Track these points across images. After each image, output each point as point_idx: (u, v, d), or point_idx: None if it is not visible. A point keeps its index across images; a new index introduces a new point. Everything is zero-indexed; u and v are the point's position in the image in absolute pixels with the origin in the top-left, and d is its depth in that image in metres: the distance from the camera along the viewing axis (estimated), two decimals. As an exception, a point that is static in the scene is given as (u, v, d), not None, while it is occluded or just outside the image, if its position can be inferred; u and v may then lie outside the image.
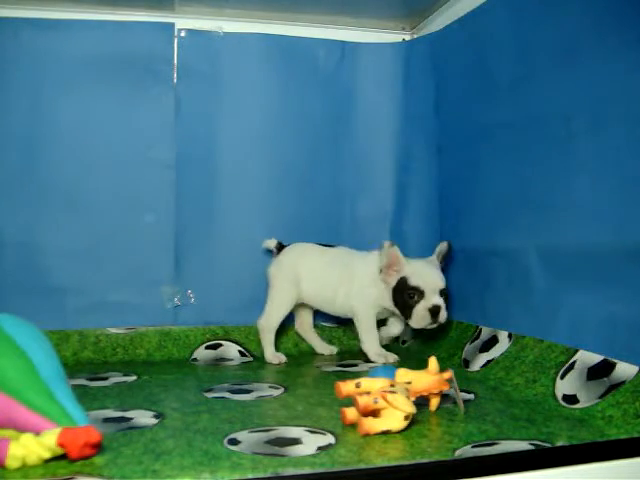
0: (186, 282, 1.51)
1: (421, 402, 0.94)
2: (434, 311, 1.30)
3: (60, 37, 1.44)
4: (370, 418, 0.85)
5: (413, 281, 1.31)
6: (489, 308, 1.32)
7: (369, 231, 1.63)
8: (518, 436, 0.84)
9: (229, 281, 1.53)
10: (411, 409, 0.85)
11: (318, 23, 1.62)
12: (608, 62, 0.99)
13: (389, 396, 0.85)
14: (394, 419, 0.84)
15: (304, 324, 1.53)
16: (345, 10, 1.59)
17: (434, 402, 0.95)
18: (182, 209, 1.51)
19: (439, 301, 1.30)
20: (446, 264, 1.42)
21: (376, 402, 0.85)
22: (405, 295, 1.31)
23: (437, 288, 1.31)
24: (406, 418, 0.85)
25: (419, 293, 1.30)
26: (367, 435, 0.84)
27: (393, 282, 1.34)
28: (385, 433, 0.84)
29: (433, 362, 0.95)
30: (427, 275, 1.32)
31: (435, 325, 1.32)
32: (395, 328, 1.48)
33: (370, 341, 1.40)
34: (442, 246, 1.40)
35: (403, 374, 0.93)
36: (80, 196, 1.46)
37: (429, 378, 0.93)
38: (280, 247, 1.49)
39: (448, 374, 0.94)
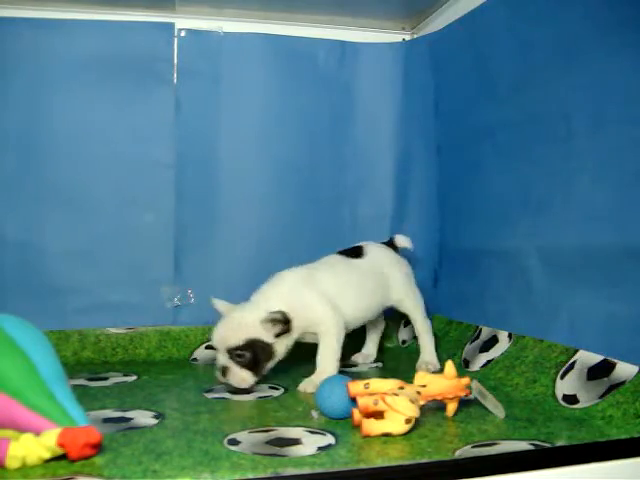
0: (186, 282, 1.51)
1: (436, 406, 0.93)
2: (222, 371, 1.14)
3: (60, 37, 1.44)
4: (372, 420, 0.85)
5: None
6: (489, 308, 1.32)
7: (369, 231, 1.63)
8: (518, 436, 0.84)
9: (229, 281, 1.53)
10: (412, 413, 0.85)
11: (318, 23, 1.62)
12: (608, 62, 0.99)
13: (388, 398, 0.85)
14: (395, 422, 0.84)
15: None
16: (345, 10, 1.59)
17: (451, 407, 0.94)
18: (182, 209, 1.51)
19: (224, 362, 1.13)
20: (446, 264, 1.41)
21: (376, 404, 0.85)
22: None
23: (222, 347, 1.14)
24: (407, 422, 0.84)
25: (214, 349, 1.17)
26: (368, 436, 0.84)
27: None
28: (386, 436, 0.84)
29: (449, 366, 0.93)
30: (215, 331, 1.16)
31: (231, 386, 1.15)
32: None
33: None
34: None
35: (421, 377, 0.93)
36: (80, 196, 1.46)
37: (445, 382, 0.92)
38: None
39: (466, 380, 0.94)
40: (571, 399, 0.97)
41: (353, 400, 0.90)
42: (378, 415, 0.86)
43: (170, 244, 1.50)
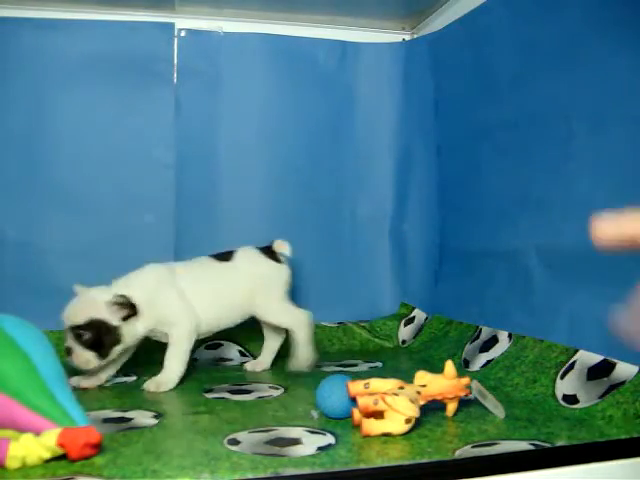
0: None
1: (436, 406, 0.93)
2: (66, 351, 1.13)
3: (60, 37, 1.44)
4: (372, 420, 0.85)
5: None
6: (489, 308, 1.32)
7: (369, 231, 1.63)
8: (518, 436, 0.84)
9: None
10: (412, 413, 0.84)
11: (318, 23, 1.62)
12: (608, 62, 0.99)
13: (388, 398, 0.84)
14: (395, 422, 0.84)
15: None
16: (345, 10, 1.59)
17: (451, 407, 0.94)
18: (182, 209, 1.51)
19: (69, 341, 1.13)
20: (446, 264, 1.41)
21: (376, 403, 0.85)
22: None
23: (67, 326, 1.14)
24: (407, 421, 0.84)
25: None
26: (368, 436, 0.84)
27: None
28: (386, 436, 0.84)
29: (449, 366, 0.93)
30: (65, 310, 1.15)
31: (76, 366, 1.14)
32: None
33: None
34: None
35: (421, 377, 0.93)
36: (80, 196, 1.46)
37: (445, 382, 0.92)
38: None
39: (466, 380, 0.94)
40: (571, 399, 0.97)
41: (353, 400, 0.90)
42: (378, 415, 0.86)
43: (170, 244, 1.50)
